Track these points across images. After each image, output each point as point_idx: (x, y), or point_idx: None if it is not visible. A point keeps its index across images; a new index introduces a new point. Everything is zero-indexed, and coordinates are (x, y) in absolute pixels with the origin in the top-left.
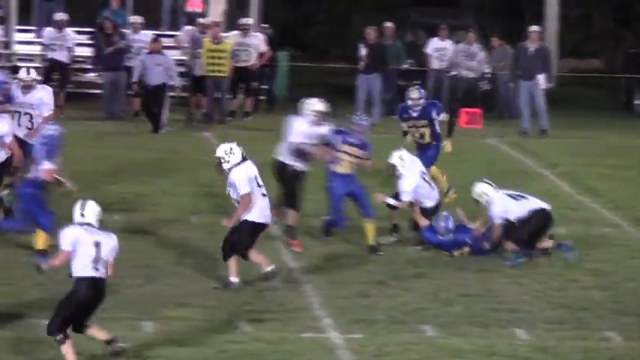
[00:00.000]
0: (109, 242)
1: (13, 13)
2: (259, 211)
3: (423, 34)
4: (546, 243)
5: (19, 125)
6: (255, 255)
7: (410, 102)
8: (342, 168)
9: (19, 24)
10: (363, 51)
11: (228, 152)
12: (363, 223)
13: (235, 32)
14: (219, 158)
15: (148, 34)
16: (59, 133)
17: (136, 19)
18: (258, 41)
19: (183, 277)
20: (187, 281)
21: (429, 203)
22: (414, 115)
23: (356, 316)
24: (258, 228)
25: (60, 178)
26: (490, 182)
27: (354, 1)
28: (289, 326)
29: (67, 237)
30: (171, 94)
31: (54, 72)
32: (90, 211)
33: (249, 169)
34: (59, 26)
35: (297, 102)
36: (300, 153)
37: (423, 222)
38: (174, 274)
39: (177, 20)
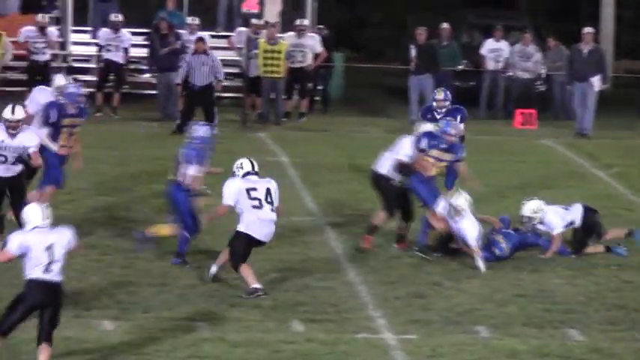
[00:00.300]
0: (62, 240)
1: (69, 14)
2: (250, 225)
3: (479, 35)
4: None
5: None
6: (245, 269)
7: (435, 103)
8: (430, 172)
9: (75, 25)
10: (413, 52)
11: (239, 166)
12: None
13: (291, 33)
14: (232, 171)
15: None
16: (210, 134)
17: (194, 20)
18: (313, 42)
19: (237, 278)
20: (242, 281)
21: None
22: (438, 117)
23: (410, 316)
24: (250, 241)
25: (202, 188)
26: (538, 198)
27: (410, 2)
28: (343, 327)
29: (15, 242)
30: (224, 94)
31: (109, 73)
32: (37, 214)
33: (244, 183)
34: (115, 27)
35: (351, 103)
36: (403, 168)
37: (478, 252)
38: (229, 275)
39: (233, 21)
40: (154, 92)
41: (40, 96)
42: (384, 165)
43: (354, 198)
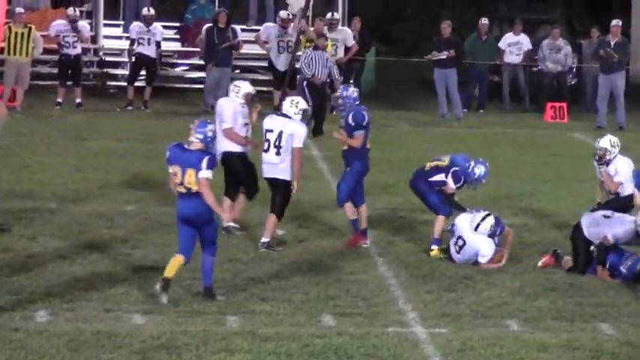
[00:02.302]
0: None
1: (101, 7)
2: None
3: (510, 29)
4: None
5: None
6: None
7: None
8: None
9: (106, 19)
10: (438, 45)
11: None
12: None
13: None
14: None
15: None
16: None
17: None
18: (345, 35)
19: (269, 272)
20: (272, 276)
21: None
22: None
23: (441, 310)
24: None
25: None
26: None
27: None
28: (374, 321)
29: None
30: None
31: (141, 67)
32: None
33: (266, 122)
34: (147, 21)
35: (382, 96)
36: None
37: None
38: (260, 269)
39: (265, 15)
40: (185, 86)
41: None
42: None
43: (385, 192)
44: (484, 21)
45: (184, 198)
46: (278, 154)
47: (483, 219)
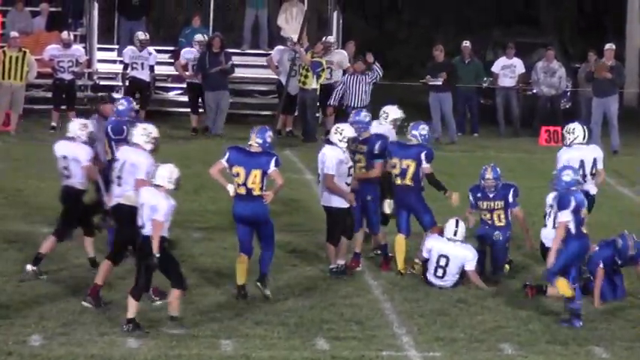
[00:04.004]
0: None
1: (95, 31)
2: None
3: (504, 53)
4: None
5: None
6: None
7: (483, 182)
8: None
9: (101, 42)
10: (432, 70)
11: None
12: None
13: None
14: None
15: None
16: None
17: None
18: (341, 58)
19: (263, 296)
20: (266, 299)
21: None
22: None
23: (435, 334)
24: None
25: None
26: None
27: (436, 21)
28: (368, 344)
29: None
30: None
31: (135, 91)
32: None
33: None
34: (141, 45)
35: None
36: None
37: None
38: (254, 292)
39: (258, 39)
40: (180, 110)
41: None
42: None
43: None
44: (466, 43)
45: (243, 200)
46: None
47: (457, 225)
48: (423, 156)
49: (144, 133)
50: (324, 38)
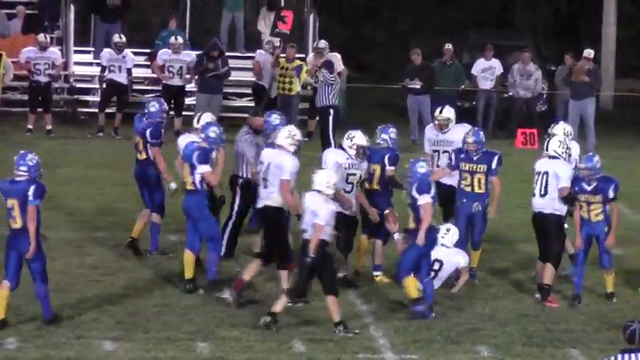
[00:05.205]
0: None
1: (71, 34)
2: None
3: (481, 55)
4: None
5: None
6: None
7: (466, 146)
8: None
9: (77, 45)
10: (410, 73)
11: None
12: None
13: (311, 54)
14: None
15: (191, 54)
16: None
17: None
18: (334, 61)
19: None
20: (243, 302)
21: None
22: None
23: (411, 336)
24: None
25: None
26: None
27: (413, 23)
28: (345, 347)
29: None
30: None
31: (112, 93)
32: None
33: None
34: (118, 48)
35: (353, 122)
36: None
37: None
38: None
39: (235, 42)
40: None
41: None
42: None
43: None
44: (448, 46)
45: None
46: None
47: (447, 230)
48: (386, 159)
49: (289, 135)
50: (315, 44)
